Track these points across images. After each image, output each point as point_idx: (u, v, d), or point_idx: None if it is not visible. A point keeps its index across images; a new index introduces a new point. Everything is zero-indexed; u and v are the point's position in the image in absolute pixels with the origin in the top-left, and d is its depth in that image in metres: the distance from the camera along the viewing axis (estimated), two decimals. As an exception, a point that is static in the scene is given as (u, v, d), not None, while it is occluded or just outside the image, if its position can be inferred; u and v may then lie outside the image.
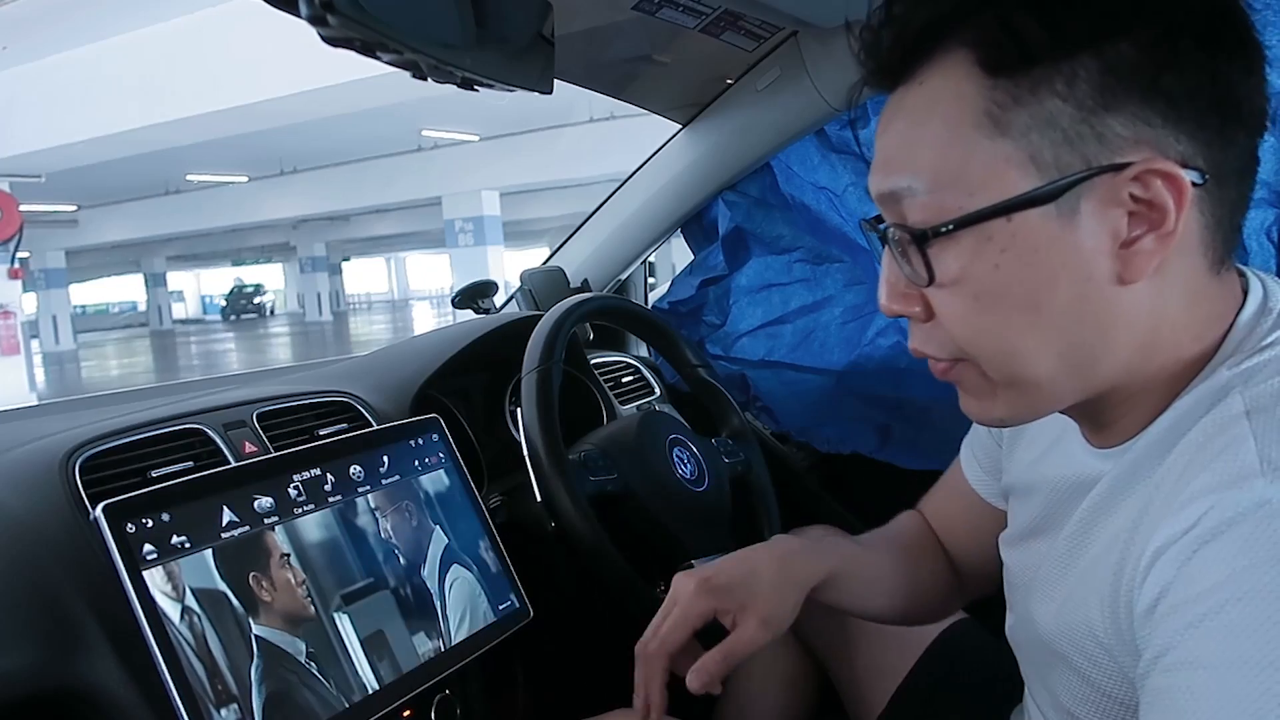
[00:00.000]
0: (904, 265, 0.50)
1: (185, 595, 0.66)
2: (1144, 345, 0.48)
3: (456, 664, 0.80)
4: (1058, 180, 0.45)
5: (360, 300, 37.94)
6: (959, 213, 0.47)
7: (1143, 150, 0.44)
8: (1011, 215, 0.46)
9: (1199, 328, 0.49)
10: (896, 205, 0.50)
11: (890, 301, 0.52)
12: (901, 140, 0.49)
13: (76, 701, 0.62)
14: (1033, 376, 0.49)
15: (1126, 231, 0.45)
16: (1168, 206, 0.44)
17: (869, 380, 1.35)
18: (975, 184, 0.46)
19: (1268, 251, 1.04)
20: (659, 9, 1.03)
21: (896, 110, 0.50)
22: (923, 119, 0.48)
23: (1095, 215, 0.45)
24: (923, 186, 0.48)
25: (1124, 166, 0.44)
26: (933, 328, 0.51)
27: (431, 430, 0.90)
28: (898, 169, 0.49)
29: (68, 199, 17.25)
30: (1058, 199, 0.45)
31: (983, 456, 0.75)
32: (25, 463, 0.73)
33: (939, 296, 0.50)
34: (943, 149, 0.47)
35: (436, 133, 13.09)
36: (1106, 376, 0.49)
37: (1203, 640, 0.39)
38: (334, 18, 0.54)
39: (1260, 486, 0.40)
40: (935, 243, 0.48)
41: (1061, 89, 0.44)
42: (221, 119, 9.16)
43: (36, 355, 14.73)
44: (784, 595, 0.68)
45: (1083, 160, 0.45)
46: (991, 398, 0.51)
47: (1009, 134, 0.45)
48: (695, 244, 1.49)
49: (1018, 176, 0.45)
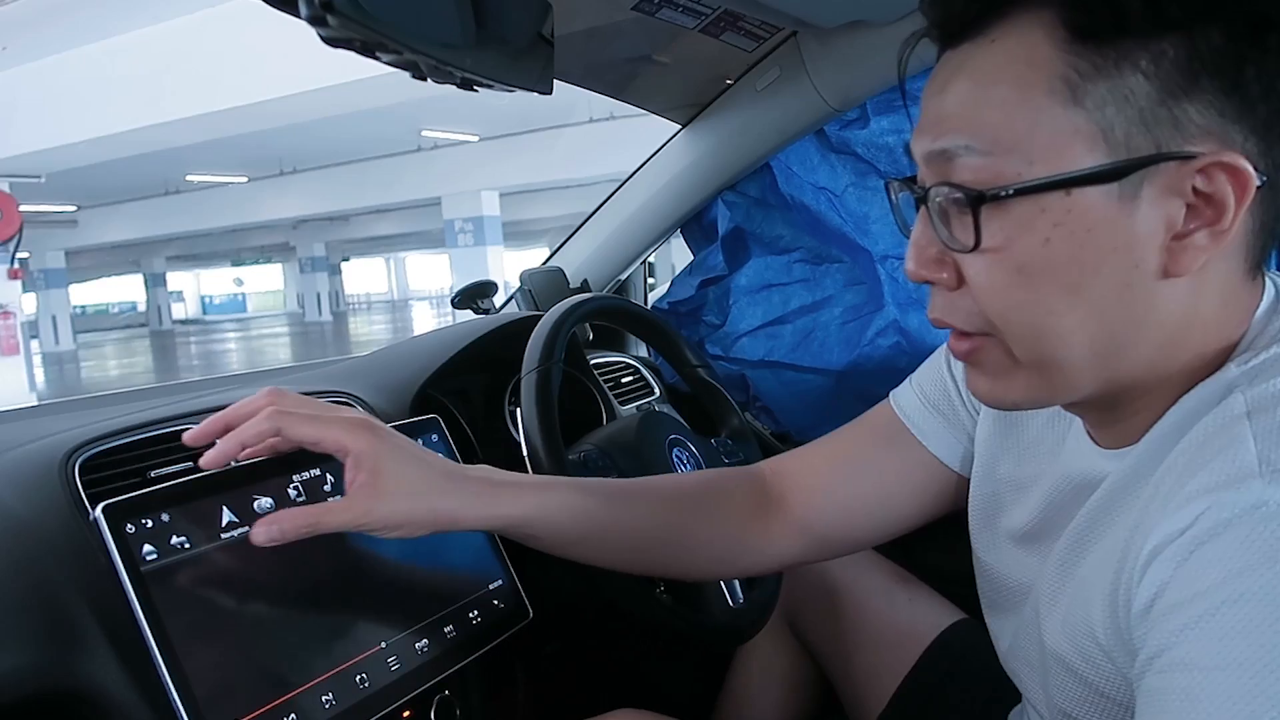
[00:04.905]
0: (941, 229, 0.48)
1: (185, 595, 0.66)
2: (1171, 342, 0.47)
3: (456, 664, 0.80)
4: (1126, 160, 0.43)
5: (360, 300, 37.92)
6: (1016, 179, 0.45)
7: (1211, 142, 0.43)
8: (1072, 190, 0.44)
9: (1225, 328, 0.48)
10: (946, 165, 0.47)
11: (919, 267, 0.50)
12: (962, 100, 0.47)
13: (76, 701, 0.62)
14: (1060, 359, 0.48)
15: (1181, 224, 0.44)
16: (1228, 203, 0.43)
17: (869, 380, 1.35)
18: (1038, 152, 0.44)
19: (1268, 251, 1.04)
20: (659, 9, 1.03)
21: (959, 68, 0.48)
22: (991, 79, 0.46)
23: (1154, 202, 0.44)
24: (982, 147, 0.46)
25: (1193, 156, 0.43)
26: (959, 296, 0.50)
27: (431, 430, 0.90)
28: (955, 128, 0.47)
29: (68, 199, 17.26)
30: (1122, 179, 0.43)
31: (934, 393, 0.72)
32: (25, 463, 0.73)
33: (976, 264, 0.48)
34: (1010, 111, 0.45)
35: (436, 133, 13.09)
36: (1129, 370, 0.48)
37: (1197, 642, 0.39)
38: (334, 18, 0.53)
39: (1258, 488, 0.40)
40: (988, 206, 0.46)
41: (1146, 66, 0.43)
42: (221, 119, 9.16)
43: (36, 355, 14.72)
44: (414, 504, 0.62)
45: (1154, 143, 0.43)
46: (1010, 378, 0.50)
47: (1083, 104, 0.44)
48: (695, 244, 1.49)
49: (1083, 150, 0.44)
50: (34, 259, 18.53)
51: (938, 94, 0.49)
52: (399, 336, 8.81)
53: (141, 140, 9.86)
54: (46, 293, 18.87)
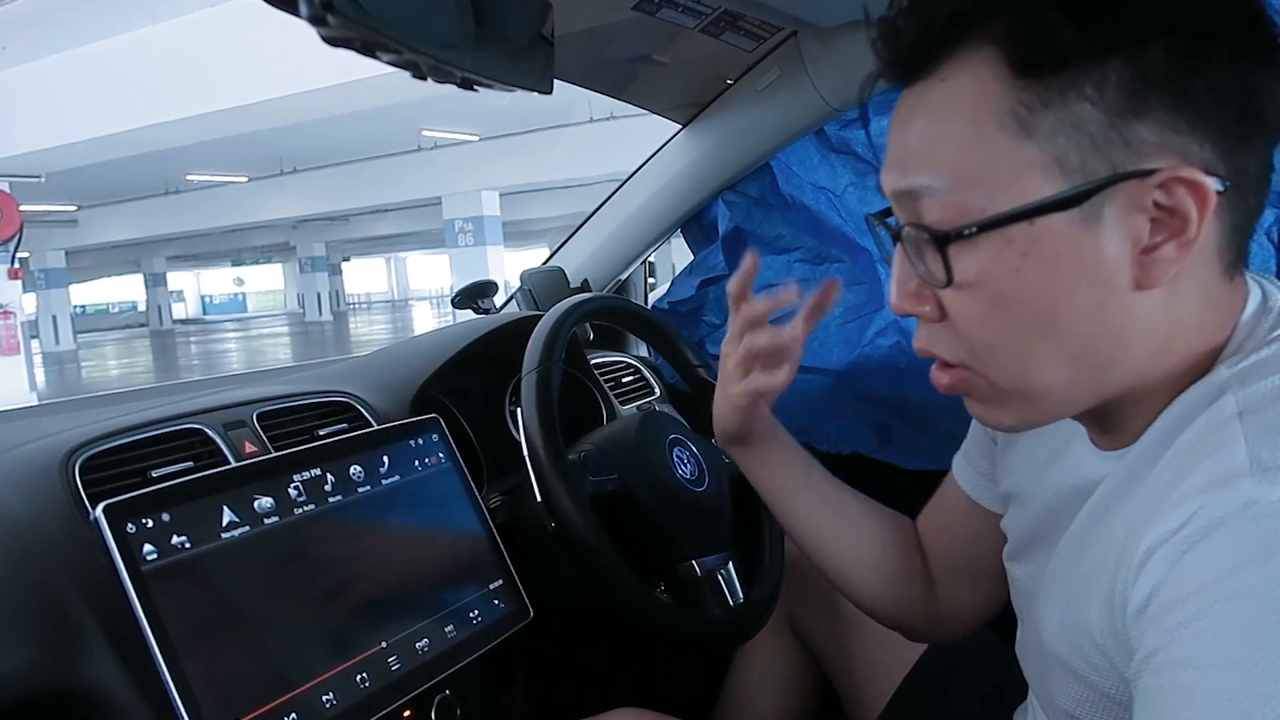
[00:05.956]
0: (918, 265, 0.49)
1: (186, 595, 0.66)
2: (1157, 350, 0.48)
3: (456, 664, 0.80)
4: (1083, 185, 0.44)
5: (360, 300, 37.94)
6: (980, 214, 0.46)
7: (1168, 156, 0.44)
8: (1035, 219, 0.45)
9: (1210, 331, 0.48)
10: (913, 204, 0.49)
11: (901, 301, 0.51)
12: (921, 138, 0.48)
13: (76, 701, 0.62)
14: (1044, 384, 0.48)
15: (1148, 238, 0.45)
16: (1190, 214, 0.44)
17: (869, 380, 1.35)
18: (998, 186, 0.45)
19: (1268, 252, 1.04)
20: (659, 9, 1.03)
21: (915, 106, 0.49)
22: (945, 117, 0.47)
23: (1118, 221, 0.45)
24: (943, 186, 0.47)
25: (1150, 173, 0.44)
26: (942, 328, 0.51)
27: (431, 430, 0.90)
28: (916, 167, 0.48)
29: (68, 199, 17.24)
30: (1082, 204, 0.44)
31: (981, 461, 0.73)
32: (25, 463, 0.73)
33: (954, 298, 0.49)
34: (966, 148, 0.46)
35: (436, 133, 13.08)
36: (1119, 382, 0.48)
37: (1192, 640, 0.39)
38: (334, 18, 0.53)
39: (1249, 487, 0.40)
40: (955, 244, 0.47)
41: (1091, 93, 0.44)
42: (221, 119, 9.14)
43: (36, 355, 14.73)
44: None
45: (1109, 165, 0.44)
46: (1000, 406, 0.51)
47: (1035, 136, 0.45)
48: (695, 244, 1.49)
49: (1042, 180, 0.45)
50: (34, 259, 18.52)
51: (900, 129, 0.50)
52: (399, 336, 8.81)
53: (141, 140, 9.85)
54: (46, 292, 18.87)
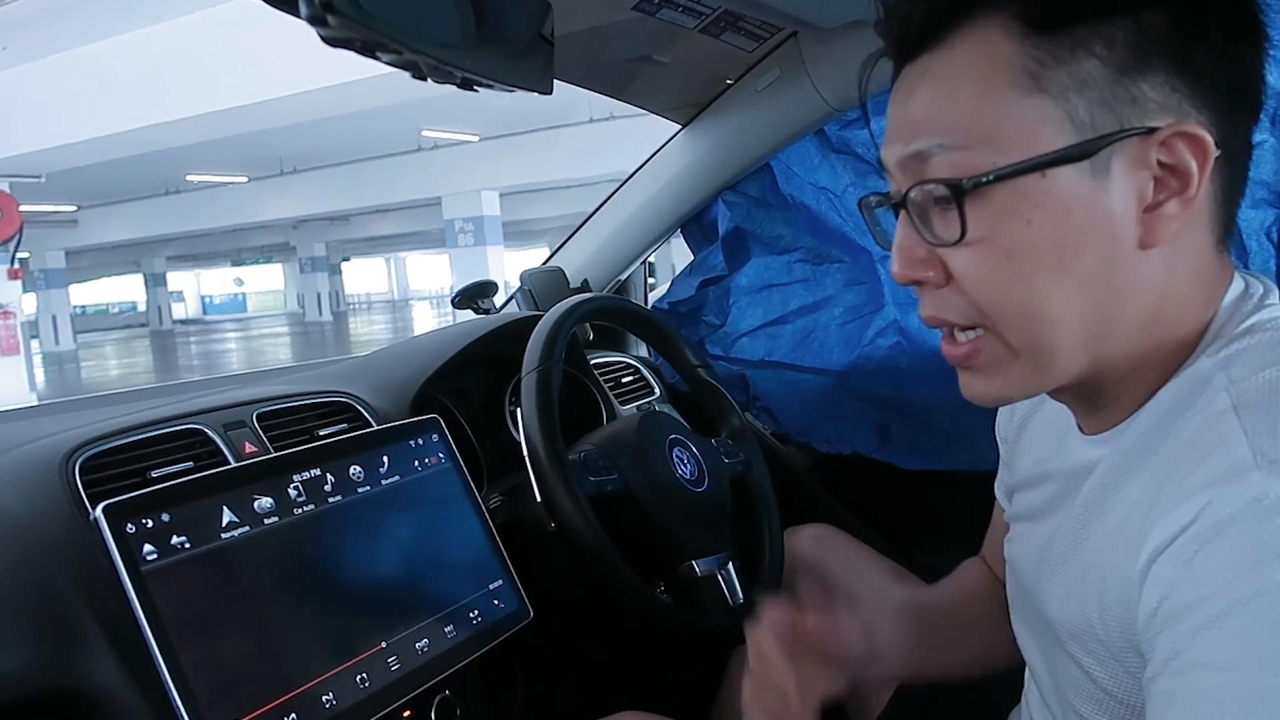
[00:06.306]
0: (924, 229, 0.50)
1: (185, 595, 0.66)
2: (1150, 318, 0.49)
3: (456, 664, 0.80)
4: (1093, 138, 0.46)
5: (360, 300, 37.92)
6: (992, 167, 0.47)
7: (1169, 116, 0.46)
8: (1046, 171, 0.46)
9: (1196, 307, 0.49)
10: (921, 166, 0.49)
11: (906, 269, 0.52)
12: (929, 104, 0.49)
13: (76, 701, 0.62)
14: (1053, 341, 0.49)
15: (1151, 195, 0.46)
16: (1191, 171, 0.46)
17: (869, 380, 1.35)
18: (1009, 142, 0.47)
19: (1267, 251, 1.04)
20: (659, 9, 1.03)
21: (922, 76, 0.50)
22: (955, 83, 0.48)
23: (1124, 176, 0.46)
24: (953, 144, 0.48)
25: (1154, 130, 0.46)
26: (948, 293, 0.51)
27: (431, 430, 0.90)
28: (923, 132, 0.49)
29: (68, 199, 17.24)
30: (1092, 157, 0.46)
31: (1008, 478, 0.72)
32: (25, 463, 0.73)
33: (963, 256, 0.49)
34: (976, 108, 0.47)
35: (436, 133, 13.07)
36: (1111, 353, 0.49)
37: (1213, 642, 0.39)
38: (334, 18, 0.54)
39: (1257, 480, 0.40)
40: (970, 196, 0.47)
41: (1100, 50, 0.45)
42: (221, 119, 9.14)
43: (36, 355, 14.72)
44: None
45: (1117, 121, 0.46)
46: (1005, 371, 0.51)
47: (1047, 91, 0.46)
48: (695, 244, 1.49)
49: (1052, 133, 0.46)
50: (34, 259, 18.51)
51: (902, 103, 0.51)
52: (399, 336, 8.80)
53: (141, 140, 9.85)
54: (46, 292, 18.86)
